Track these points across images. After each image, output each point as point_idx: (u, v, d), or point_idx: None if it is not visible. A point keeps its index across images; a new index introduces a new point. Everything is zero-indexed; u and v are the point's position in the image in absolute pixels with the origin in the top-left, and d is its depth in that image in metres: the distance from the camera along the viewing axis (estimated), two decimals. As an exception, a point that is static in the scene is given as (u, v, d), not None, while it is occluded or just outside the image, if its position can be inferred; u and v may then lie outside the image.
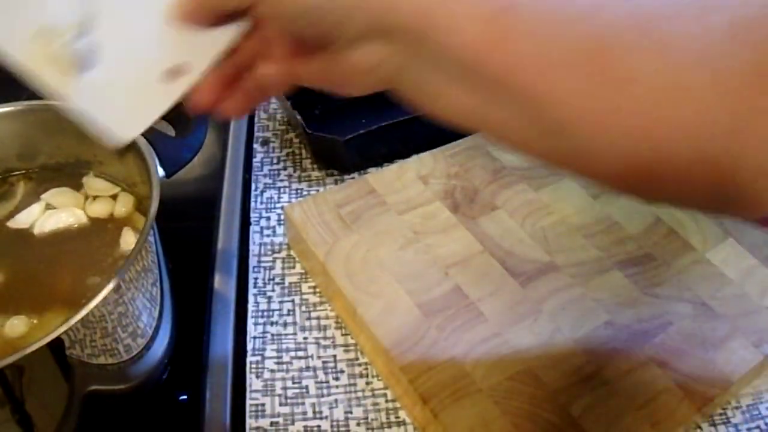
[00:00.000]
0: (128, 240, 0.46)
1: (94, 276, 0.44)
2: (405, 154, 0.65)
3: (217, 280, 0.55)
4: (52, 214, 0.47)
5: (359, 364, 0.50)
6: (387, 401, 0.48)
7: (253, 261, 0.57)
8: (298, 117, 0.62)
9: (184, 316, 0.50)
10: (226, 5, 0.34)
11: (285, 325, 0.52)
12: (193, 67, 0.36)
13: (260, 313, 0.53)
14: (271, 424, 0.46)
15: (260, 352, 0.50)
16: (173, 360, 0.48)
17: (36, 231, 0.47)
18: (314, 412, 0.47)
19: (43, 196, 0.49)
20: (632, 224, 0.55)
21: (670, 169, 0.25)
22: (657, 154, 0.25)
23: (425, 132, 0.65)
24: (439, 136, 0.64)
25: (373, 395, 0.48)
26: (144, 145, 0.45)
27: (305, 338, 0.51)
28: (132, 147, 0.45)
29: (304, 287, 0.55)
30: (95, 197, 0.49)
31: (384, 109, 0.70)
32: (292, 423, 0.46)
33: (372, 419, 0.47)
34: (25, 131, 0.49)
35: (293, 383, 0.49)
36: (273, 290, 0.55)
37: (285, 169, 0.65)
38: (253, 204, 0.62)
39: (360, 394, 0.48)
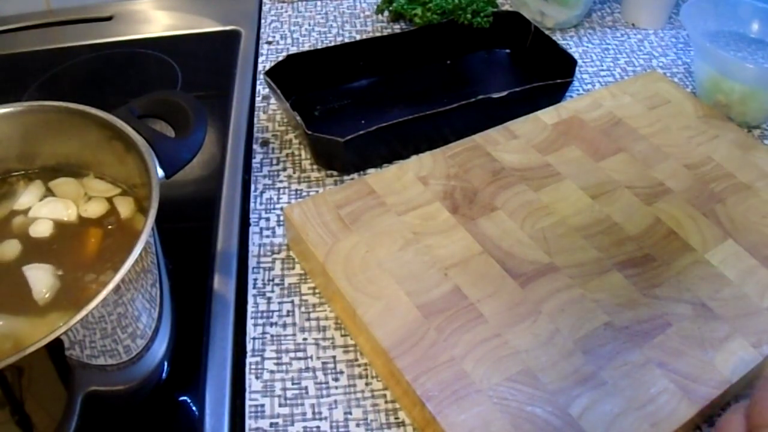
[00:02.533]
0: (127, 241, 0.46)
1: (92, 275, 0.44)
2: (404, 155, 0.65)
3: (217, 281, 0.55)
4: (48, 202, 0.48)
5: (359, 365, 0.50)
6: (386, 402, 0.48)
7: (252, 262, 0.57)
8: (298, 118, 0.62)
9: (184, 316, 0.50)
10: None
11: (284, 326, 0.52)
12: None
13: (259, 314, 0.53)
14: (271, 424, 0.46)
15: (260, 353, 0.50)
16: (173, 360, 0.49)
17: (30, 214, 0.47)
18: (314, 413, 0.47)
19: (49, 183, 0.49)
20: (632, 225, 0.55)
21: None
22: None
23: (425, 133, 0.65)
24: (439, 137, 0.65)
25: (373, 396, 0.48)
26: (144, 146, 0.45)
27: (305, 339, 0.51)
28: (132, 148, 0.45)
29: (304, 288, 0.55)
30: (90, 197, 0.49)
31: (383, 110, 0.70)
32: (292, 424, 0.46)
33: (371, 420, 0.47)
34: (25, 132, 0.49)
35: (293, 384, 0.49)
36: (272, 291, 0.55)
37: (284, 170, 0.65)
38: (252, 205, 0.62)
39: (359, 395, 0.48)
